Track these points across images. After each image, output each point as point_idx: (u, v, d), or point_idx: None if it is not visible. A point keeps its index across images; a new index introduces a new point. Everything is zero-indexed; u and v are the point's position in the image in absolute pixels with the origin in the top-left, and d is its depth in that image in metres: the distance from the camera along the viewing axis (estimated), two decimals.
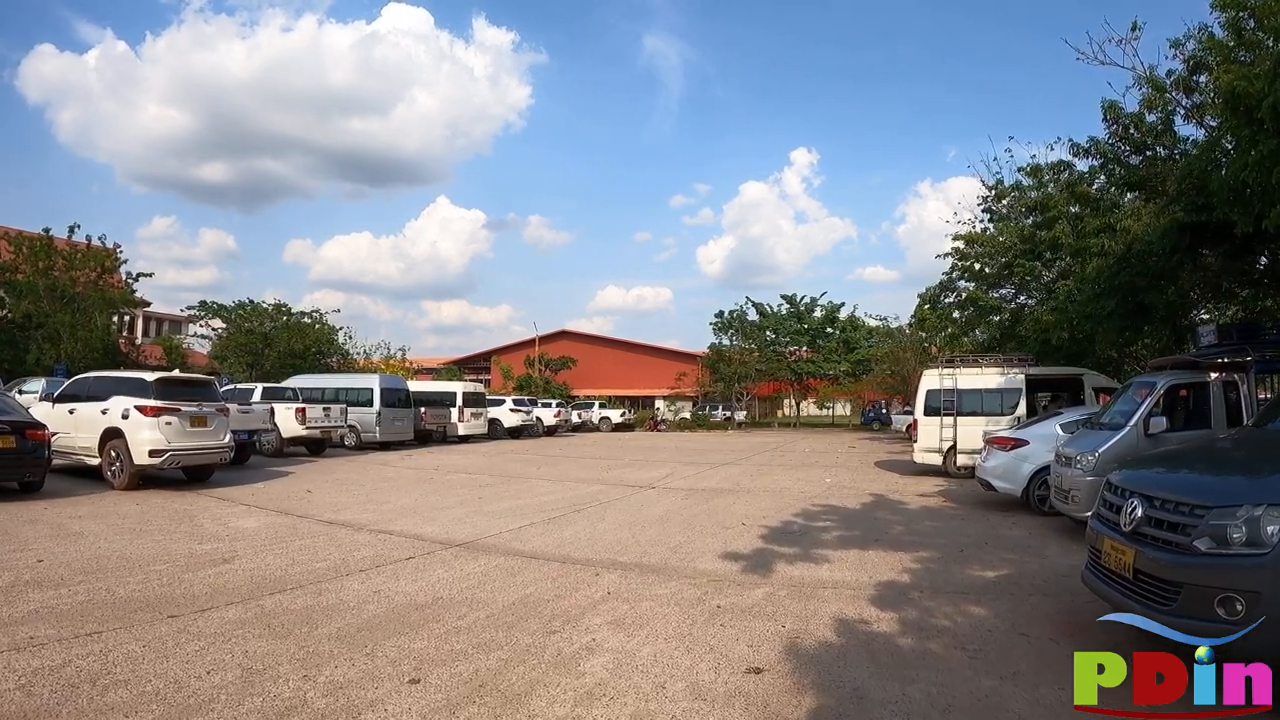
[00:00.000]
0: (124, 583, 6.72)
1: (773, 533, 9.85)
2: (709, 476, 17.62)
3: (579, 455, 24.59)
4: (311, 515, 10.85)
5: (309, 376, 28.43)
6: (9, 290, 33.05)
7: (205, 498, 12.45)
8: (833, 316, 59.92)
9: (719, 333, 58.73)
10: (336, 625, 5.59)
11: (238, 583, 6.81)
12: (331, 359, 42.98)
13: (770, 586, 7.03)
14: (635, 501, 12.93)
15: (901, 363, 46.93)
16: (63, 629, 5.35)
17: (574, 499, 13.04)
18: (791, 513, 11.62)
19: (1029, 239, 22.07)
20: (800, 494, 14.14)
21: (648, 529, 10.11)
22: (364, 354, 49.35)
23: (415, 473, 17.65)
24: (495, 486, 14.94)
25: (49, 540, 8.58)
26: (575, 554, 8.38)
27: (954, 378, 17.59)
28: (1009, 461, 12.38)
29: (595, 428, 45.78)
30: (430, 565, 7.75)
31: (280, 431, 20.47)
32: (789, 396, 64.29)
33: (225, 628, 5.47)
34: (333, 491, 13.71)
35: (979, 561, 8.30)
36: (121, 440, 12.91)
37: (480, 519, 10.79)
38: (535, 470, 18.80)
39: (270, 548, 8.47)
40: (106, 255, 35.28)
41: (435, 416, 28.30)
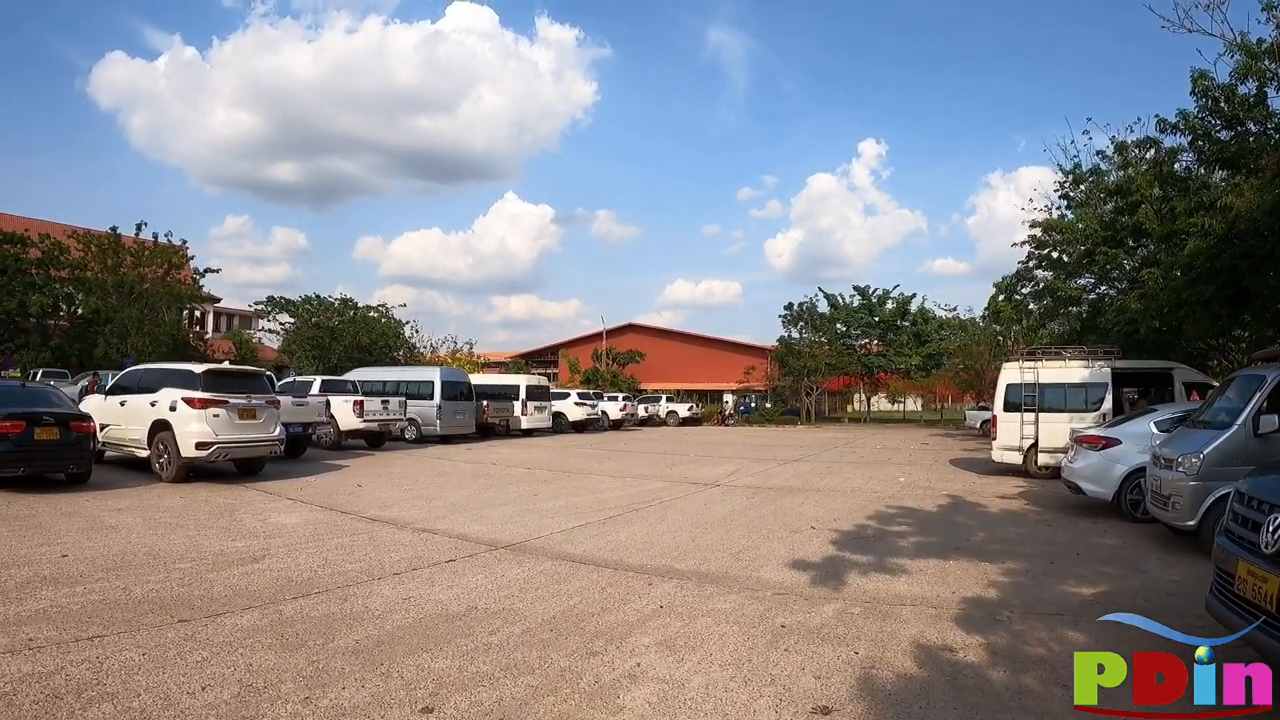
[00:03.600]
0: (143, 581, 6.53)
1: (844, 538, 9.32)
2: (777, 474, 17.07)
3: (643, 450, 24.36)
4: (356, 511, 10.66)
5: (370, 369, 28.90)
6: (78, 287, 34.98)
7: (251, 491, 12.42)
8: (904, 309, 58.88)
9: (788, 325, 58.16)
10: (355, 637, 5.21)
11: (261, 585, 6.54)
12: (398, 352, 43.80)
13: (842, 602, 6.39)
14: (698, 501, 12.52)
15: (975, 356, 45.97)
16: (65, 631, 5.16)
17: (634, 497, 12.70)
18: (864, 515, 11.06)
19: (1110, 225, 21.22)
20: (873, 494, 13.58)
21: (710, 532, 9.63)
22: (430, 348, 50.22)
23: (472, 467, 17.56)
24: (553, 482, 14.66)
25: (80, 534, 8.53)
26: (629, 559, 7.95)
27: (1035, 371, 16.71)
28: (1099, 462, 11.46)
29: (662, 422, 45.58)
30: (470, 569, 7.36)
31: (338, 424, 20.66)
32: (859, 391, 63.37)
33: (235, 636, 5.17)
34: (383, 486, 13.61)
35: (1072, 575, 7.52)
36: (169, 432, 13.02)
37: (532, 517, 10.45)
38: (596, 465, 18.52)
39: (304, 546, 8.22)
40: (173, 252, 37.16)
41: (498, 410, 28.39)
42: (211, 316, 57.78)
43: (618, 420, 38.10)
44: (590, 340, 67.07)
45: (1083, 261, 23.20)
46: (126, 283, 34.97)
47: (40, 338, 33.70)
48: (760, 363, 57.70)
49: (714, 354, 65.26)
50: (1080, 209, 23.84)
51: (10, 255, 32.56)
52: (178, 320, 37.58)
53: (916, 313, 58.78)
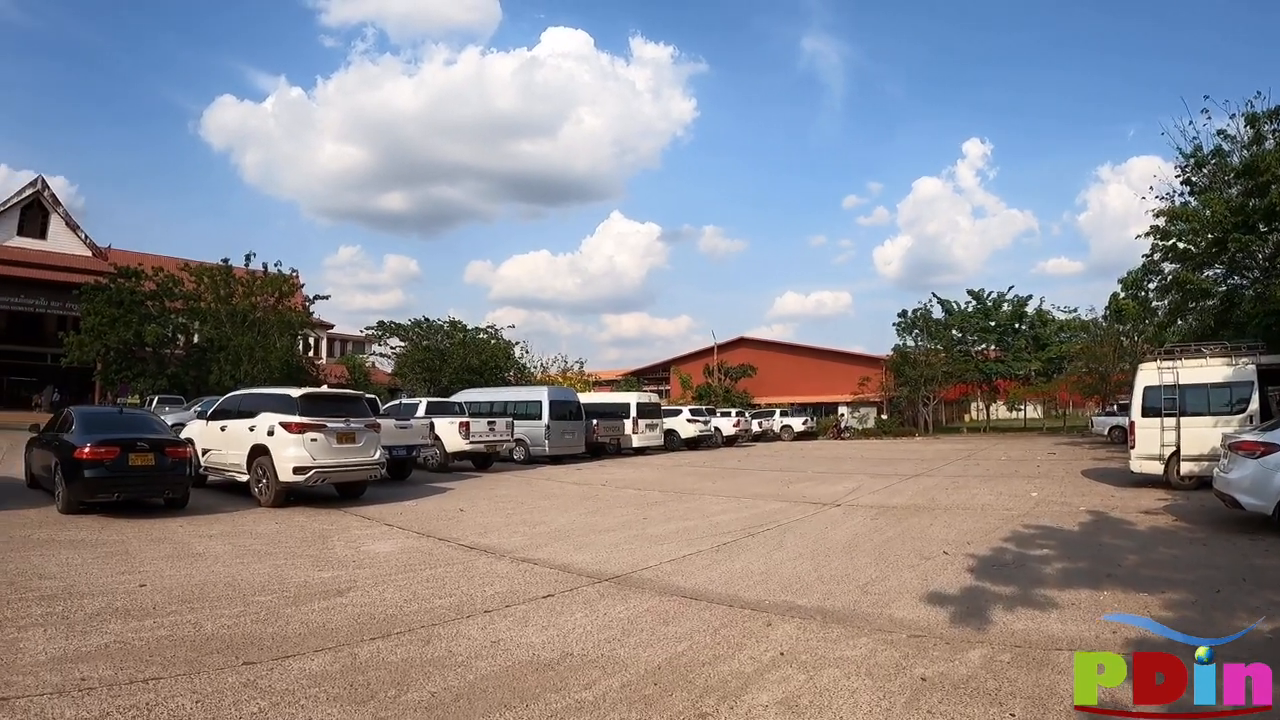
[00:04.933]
0: (217, 616, 6.26)
1: (982, 564, 8.55)
2: (900, 491, 16.16)
3: (758, 467, 23.69)
4: (453, 539, 10.32)
5: (478, 390, 29.25)
6: (192, 316, 37.55)
7: (349, 516, 12.32)
8: (1021, 311, 56.34)
9: (903, 333, 56.53)
10: (432, 689, 4.71)
11: (340, 622, 6.15)
12: (508, 373, 44.56)
13: (988, 646, 5.51)
14: (818, 523, 11.89)
15: (1099, 359, 43.84)
16: (122, 671, 4.89)
17: (749, 519, 12.13)
18: (1000, 537, 10.25)
19: (1240, 209, 19.80)
20: (1005, 512, 12.69)
21: (832, 559, 8.97)
22: (541, 367, 50.94)
23: (580, 489, 17.25)
24: (664, 504, 14.20)
25: (164, 561, 8.44)
26: (745, 593, 7.32)
27: (1175, 372, 15.35)
28: (1257, 472, 10.12)
29: (776, 436, 44.70)
30: (569, 606, 6.81)
31: (444, 446, 20.73)
32: (976, 399, 61.11)
33: (299, 683, 4.77)
34: (486, 510, 13.41)
35: (1242, 607, 6.51)
36: (267, 457, 13.11)
37: (640, 545, 9.95)
38: (709, 485, 17.93)
39: (393, 578, 7.86)
40: (283, 281, 39.28)
41: (608, 429, 28.19)
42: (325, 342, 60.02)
43: (731, 436, 37.46)
44: (701, 356, 66.97)
45: (1212, 251, 21.87)
46: (239, 311, 37.09)
47: (156, 366, 36.16)
48: (875, 373, 56.20)
49: (827, 366, 64.11)
50: (1205, 195, 22.51)
51: (126, 289, 35.53)
52: (290, 346, 39.16)
53: (1034, 315, 56.38)
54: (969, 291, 58.09)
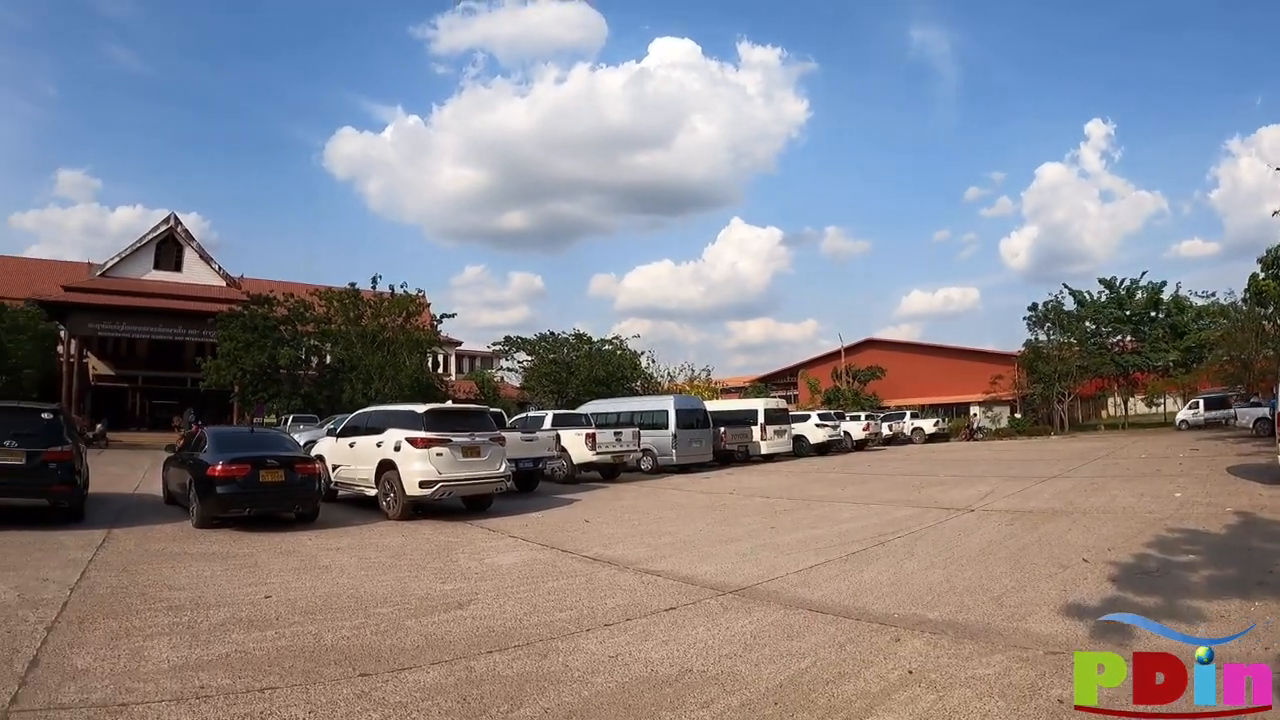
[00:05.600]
0: (337, 627, 6.35)
1: (1124, 572, 7.98)
2: (1035, 494, 15.34)
3: (888, 472, 23.17)
4: (577, 550, 10.29)
5: (605, 401, 29.49)
6: (323, 339, 39.72)
7: (475, 529, 12.48)
8: (1155, 298, 53.01)
9: (1034, 328, 54.24)
10: (544, 704, 4.60)
11: (458, 635, 6.14)
12: (635, 383, 44.92)
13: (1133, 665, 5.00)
14: (950, 530, 11.41)
15: (1240, 346, 40.74)
16: (240, 680, 5.00)
17: (878, 527, 11.72)
18: (1142, 542, 9.58)
19: None
20: (1147, 515, 11.86)
21: (965, 569, 8.52)
22: (668, 376, 51.12)
23: (707, 498, 17.09)
24: (792, 512, 13.90)
25: (291, 573, 8.68)
26: (872, 606, 6.99)
27: None
28: None
29: (907, 439, 43.49)
30: (691, 620, 6.60)
31: (570, 458, 20.88)
32: (1113, 394, 57.55)
33: (414, 696, 4.74)
34: (611, 521, 13.44)
35: None
36: (394, 471, 13.45)
37: (766, 555, 9.70)
38: (839, 491, 17.50)
39: (515, 590, 7.84)
40: (410, 301, 40.80)
41: (736, 436, 27.92)
42: (454, 359, 61.96)
43: (861, 440, 36.70)
44: (829, 359, 66.24)
45: None
46: (368, 332, 38.71)
47: (291, 386, 38.36)
48: (1007, 370, 53.91)
49: (956, 365, 62.00)
50: None
51: (259, 315, 37.91)
52: (420, 364, 40.57)
53: (1170, 302, 53.15)
54: (1100, 280, 55.73)
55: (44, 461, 11.35)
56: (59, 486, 11.49)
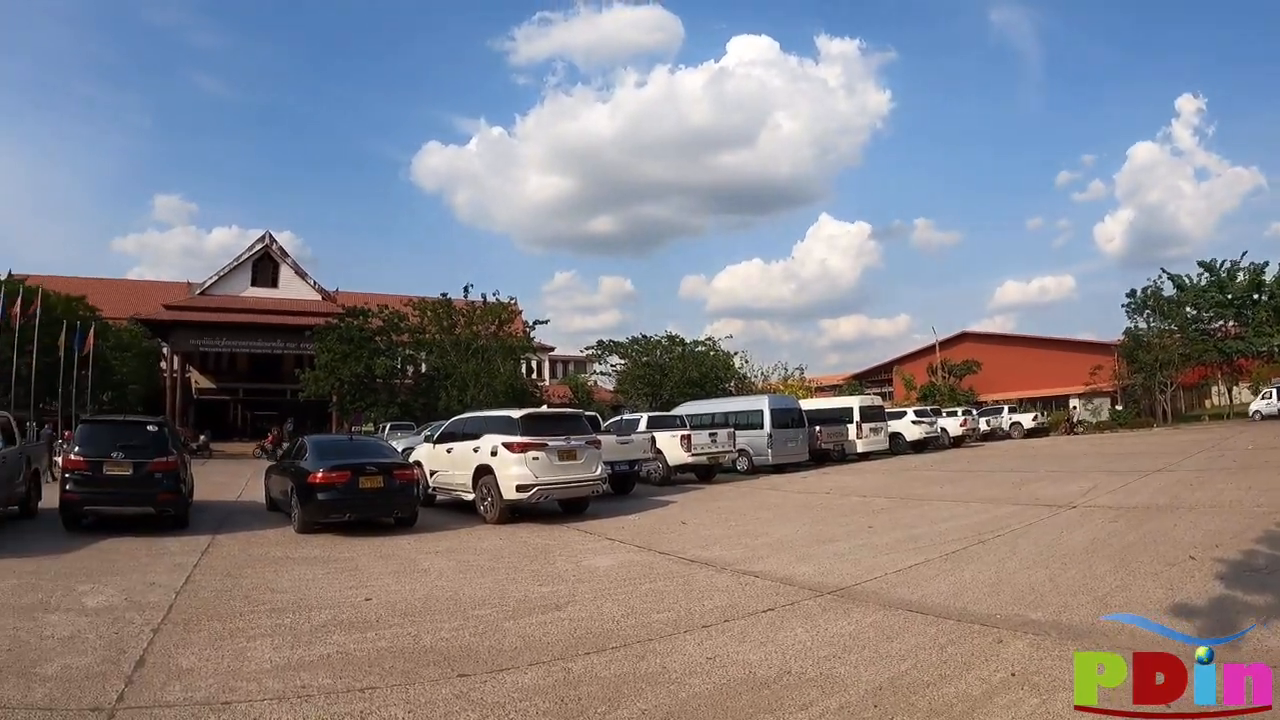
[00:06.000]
0: (436, 629, 6.43)
1: (1233, 570, 7.62)
2: (1139, 489, 14.68)
3: (987, 469, 22.62)
4: (674, 552, 10.22)
5: (699, 402, 29.37)
6: (418, 348, 41.31)
7: (572, 531, 12.55)
8: (1258, 280, 49.64)
9: (1132, 315, 51.99)
10: (642, 706, 4.56)
11: (556, 636, 6.14)
12: (729, 384, 44.86)
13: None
14: (1052, 527, 11.03)
15: None
16: (340, 680, 5.11)
17: (978, 525, 11.38)
18: (1251, 538, 9.14)
19: None
20: (1254, 509, 11.38)
21: (1068, 567, 8.22)
22: (762, 376, 50.93)
23: (803, 497, 16.93)
24: (889, 512, 13.65)
25: (390, 577, 8.84)
26: (974, 606, 6.78)
27: None
28: None
29: (1005, 435, 42.41)
30: (789, 621, 6.48)
31: (666, 459, 20.86)
32: (1216, 383, 54.60)
33: (511, 696, 4.76)
34: (707, 522, 13.34)
35: None
36: (491, 476, 13.61)
37: (865, 555, 9.54)
38: (937, 489, 17.07)
39: (612, 592, 7.81)
40: (502, 309, 41.89)
41: (831, 435, 27.54)
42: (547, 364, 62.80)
43: (958, 437, 35.78)
44: (923, 354, 64.95)
45: None
46: (462, 340, 39.76)
47: (387, 395, 39.65)
48: (1106, 361, 51.75)
49: (1054, 356, 60.16)
50: None
51: (355, 327, 39.44)
52: (514, 370, 41.30)
53: (1273, 283, 49.72)
54: (1200, 263, 52.69)
55: (150, 472, 11.98)
56: (165, 495, 12.09)
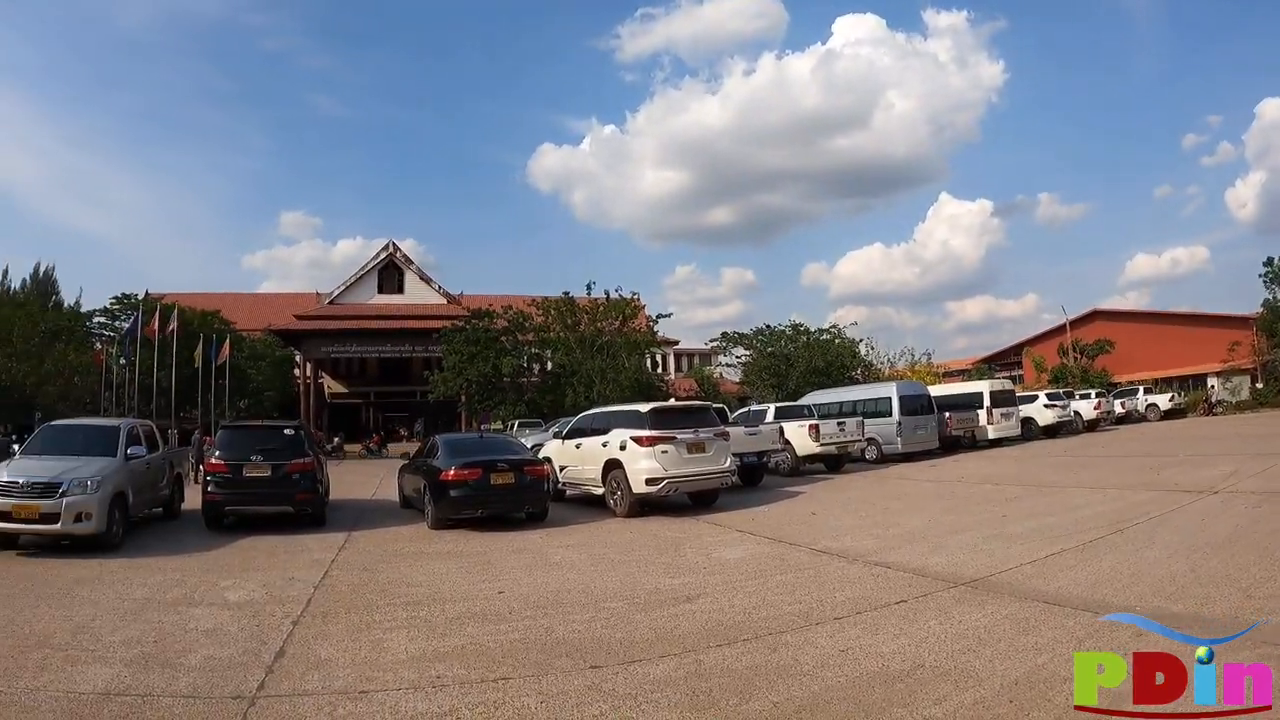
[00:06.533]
0: (568, 621, 6.53)
1: None
2: None
3: (1122, 453, 21.80)
4: (804, 543, 10.11)
5: (826, 391, 29.08)
6: (543, 346, 42.29)
7: (702, 524, 12.55)
8: None
9: (1270, 285, 48.07)
10: (774, 698, 4.52)
11: (687, 629, 6.16)
12: (855, 371, 44.23)
13: None
14: (1192, 514, 10.52)
15: None
16: (474, 670, 5.26)
17: (1114, 513, 10.92)
18: None
19: None
20: None
21: (1210, 558, 7.81)
22: (888, 363, 50.03)
23: (934, 486, 16.61)
24: (1023, 500, 13.20)
25: (522, 570, 9.03)
26: (1112, 598, 6.50)
27: None
28: None
29: (1141, 417, 40.47)
30: (922, 613, 6.32)
31: (794, 450, 20.69)
32: None
33: (643, 687, 4.79)
34: (837, 513, 13.24)
35: None
36: (621, 470, 13.77)
37: (998, 544, 9.25)
38: (1071, 476, 16.43)
39: (743, 584, 7.77)
40: (626, 304, 42.39)
41: (961, 421, 26.74)
42: (672, 358, 63.02)
43: (1092, 420, 34.26)
44: (1053, 335, 62.44)
45: None
46: (586, 337, 40.34)
47: (515, 394, 40.67)
48: (1244, 336, 48.34)
49: (1189, 333, 56.55)
50: None
51: (480, 328, 40.80)
52: (639, 365, 41.65)
53: None
54: None
55: (288, 473, 12.73)
56: (302, 495, 12.82)
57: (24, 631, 6.48)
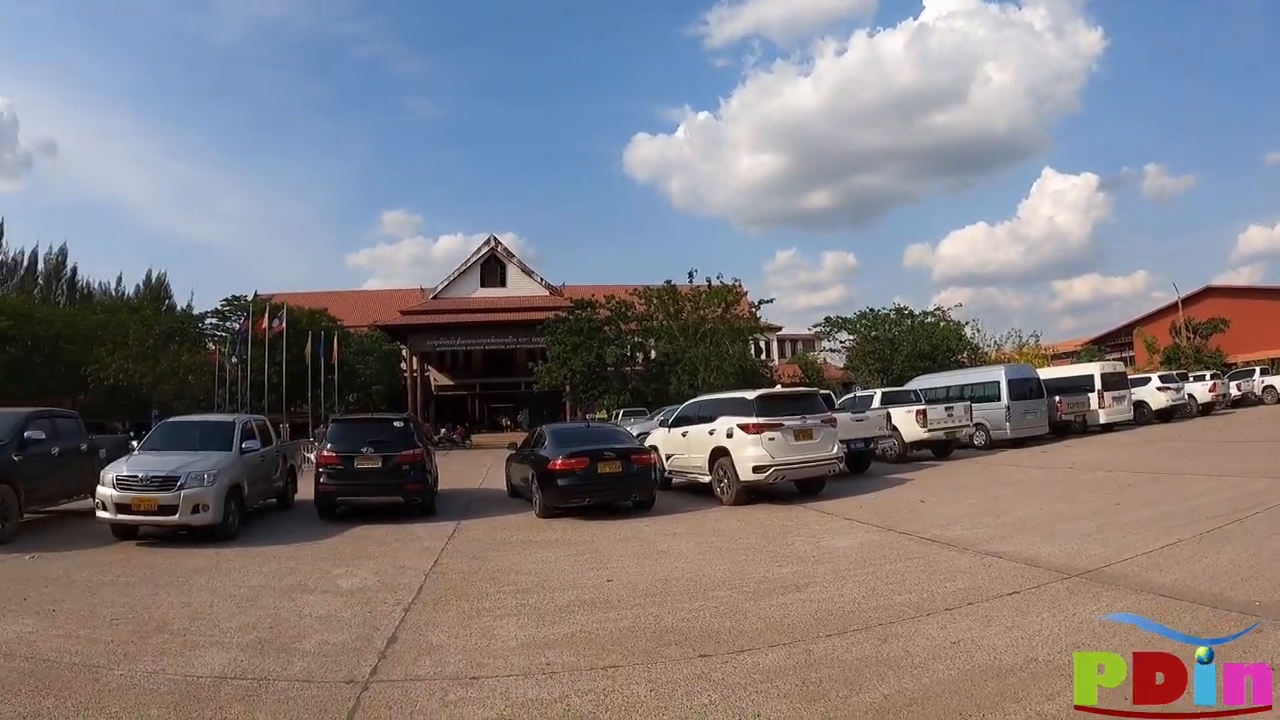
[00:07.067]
0: (676, 609, 6.54)
1: None
2: None
3: (1240, 438, 20.86)
4: (914, 532, 9.94)
5: (932, 376, 28.54)
6: (646, 335, 43.10)
7: (809, 511, 12.44)
8: None
9: None
10: (885, 691, 4.46)
11: (797, 618, 6.11)
12: (961, 355, 43.27)
13: None
14: None
15: None
16: (584, 658, 5.32)
17: (1234, 501, 10.47)
18: None
19: None
20: None
21: None
22: (995, 345, 48.85)
23: (1045, 473, 16.08)
24: (1137, 487, 12.70)
25: (630, 559, 9.08)
26: (1230, 592, 6.19)
27: None
28: None
29: (1258, 400, 38.07)
30: (1035, 605, 6.12)
31: (901, 436, 20.40)
32: None
33: (752, 677, 4.78)
34: (947, 500, 12.98)
35: None
36: (728, 458, 13.74)
37: (1113, 534, 8.92)
38: (1187, 462, 15.68)
39: (853, 573, 7.67)
40: (728, 291, 42.81)
41: (1072, 405, 25.82)
42: (775, 344, 62.63)
43: (1206, 404, 32.60)
44: (1164, 314, 59.92)
45: None
46: (689, 325, 40.72)
47: (619, 383, 41.49)
48: None
49: None
50: None
51: (584, 319, 41.72)
52: (743, 352, 41.73)
53: None
54: None
55: (398, 464, 13.05)
56: (412, 485, 13.16)
57: (143, 617, 6.78)
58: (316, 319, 44.86)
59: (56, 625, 6.52)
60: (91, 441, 13.77)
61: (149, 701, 4.68)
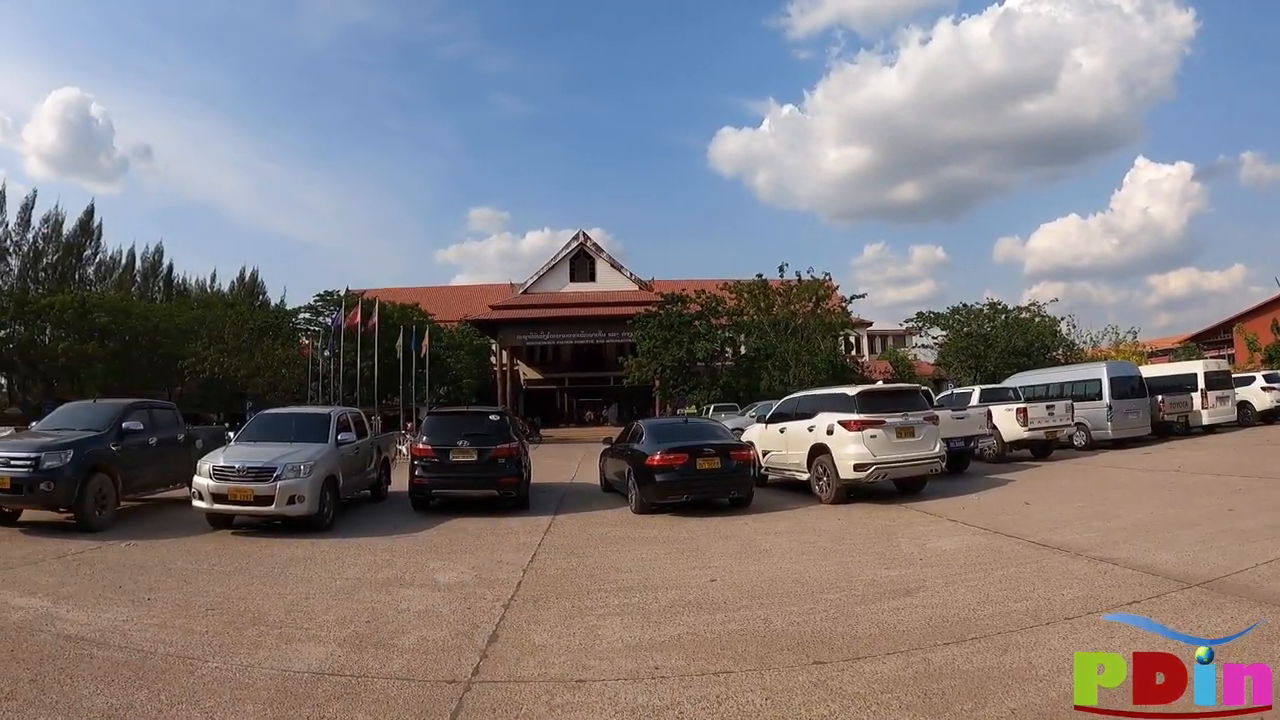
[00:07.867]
0: (785, 612, 6.40)
1: None
2: None
3: None
4: (1021, 535, 9.60)
5: (1029, 373, 27.60)
6: (737, 330, 43.10)
7: (910, 512, 12.15)
8: None
9: None
10: (1011, 705, 4.27)
11: (911, 624, 5.91)
12: (1056, 352, 41.99)
13: None
14: None
15: None
16: (693, 662, 5.19)
17: None
18: None
19: None
20: None
21: None
22: (1091, 342, 47.10)
23: (1150, 475, 15.49)
24: (1249, 492, 12.16)
25: (731, 557, 8.96)
26: None
27: None
28: None
29: None
30: (1157, 616, 5.70)
31: (1001, 435, 19.80)
32: None
33: (871, 687, 4.60)
34: (1052, 503, 12.53)
35: None
36: (827, 455, 13.50)
37: (1229, 541, 8.52)
38: None
39: (964, 577, 7.41)
40: (818, 286, 42.27)
41: (1174, 405, 24.75)
42: (865, 339, 61.70)
43: None
44: (1266, 309, 56.10)
45: None
46: (780, 320, 40.34)
47: (709, 377, 41.29)
48: None
49: None
50: None
51: (674, 314, 41.71)
52: (833, 347, 41.27)
53: None
54: None
55: (494, 457, 13.12)
56: (507, 479, 13.17)
57: (238, 608, 6.85)
58: (408, 313, 45.63)
59: (152, 614, 6.63)
60: (188, 432, 14.21)
61: (245, 697, 4.67)
